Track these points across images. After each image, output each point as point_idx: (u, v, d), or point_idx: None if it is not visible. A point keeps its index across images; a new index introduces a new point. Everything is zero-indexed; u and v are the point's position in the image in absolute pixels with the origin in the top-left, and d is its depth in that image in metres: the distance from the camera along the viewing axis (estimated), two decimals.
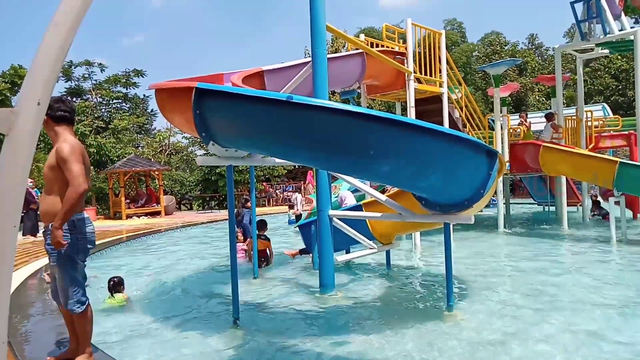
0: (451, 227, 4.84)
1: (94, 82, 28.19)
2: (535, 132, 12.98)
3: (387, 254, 6.94)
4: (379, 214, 5.82)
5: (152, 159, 25.02)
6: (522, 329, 4.15)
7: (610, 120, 15.13)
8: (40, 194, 6.09)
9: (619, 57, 30.36)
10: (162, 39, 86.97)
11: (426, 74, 8.90)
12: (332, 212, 5.73)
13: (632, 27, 10.68)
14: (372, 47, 8.60)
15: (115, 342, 4.13)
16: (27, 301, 5.42)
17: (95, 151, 22.31)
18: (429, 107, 9.98)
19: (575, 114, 12.61)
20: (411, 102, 8.33)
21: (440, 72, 9.28)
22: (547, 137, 11.30)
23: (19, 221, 1.43)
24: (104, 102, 28.55)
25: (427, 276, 6.60)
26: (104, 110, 28.36)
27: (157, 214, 19.51)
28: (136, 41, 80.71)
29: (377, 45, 9.04)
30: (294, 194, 16.43)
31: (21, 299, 5.47)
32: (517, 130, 11.86)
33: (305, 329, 4.41)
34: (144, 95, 30.62)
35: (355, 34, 33.08)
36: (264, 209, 20.48)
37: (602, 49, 11.90)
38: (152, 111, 31.66)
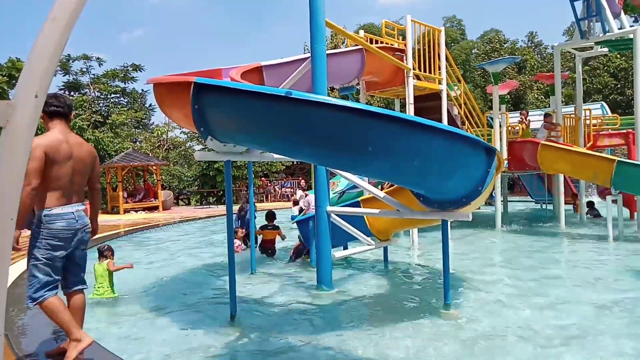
0: (449, 224, 4.85)
1: (92, 76, 28.06)
2: (534, 130, 12.98)
3: (385, 250, 6.95)
4: (377, 211, 5.83)
5: (150, 154, 24.98)
6: (519, 326, 4.16)
7: (608, 118, 15.14)
8: None
9: (618, 55, 30.37)
10: (161, 36, 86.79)
11: (425, 71, 8.89)
12: (330, 208, 5.73)
13: (631, 26, 10.65)
14: (372, 43, 8.58)
15: (112, 336, 4.13)
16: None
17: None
18: (428, 104, 9.97)
19: (574, 112, 12.62)
20: (410, 99, 8.33)
21: (439, 69, 9.26)
22: (542, 137, 11.32)
23: (16, 214, 1.43)
24: (102, 96, 28.39)
25: (424, 273, 6.61)
26: (102, 104, 28.21)
27: (154, 208, 19.50)
28: (135, 36, 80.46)
29: (377, 41, 9.02)
30: (299, 192, 16.35)
31: (18, 293, 5.45)
32: (516, 127, 11.86)
33: (302, 325, 4.41)
34: (142, 89, 30.50)
35: (354, 31, 32.97)
36: (262, 205, 20.46)
37: (601, 48, 11.91)
38: (150, 106, 31.56)
